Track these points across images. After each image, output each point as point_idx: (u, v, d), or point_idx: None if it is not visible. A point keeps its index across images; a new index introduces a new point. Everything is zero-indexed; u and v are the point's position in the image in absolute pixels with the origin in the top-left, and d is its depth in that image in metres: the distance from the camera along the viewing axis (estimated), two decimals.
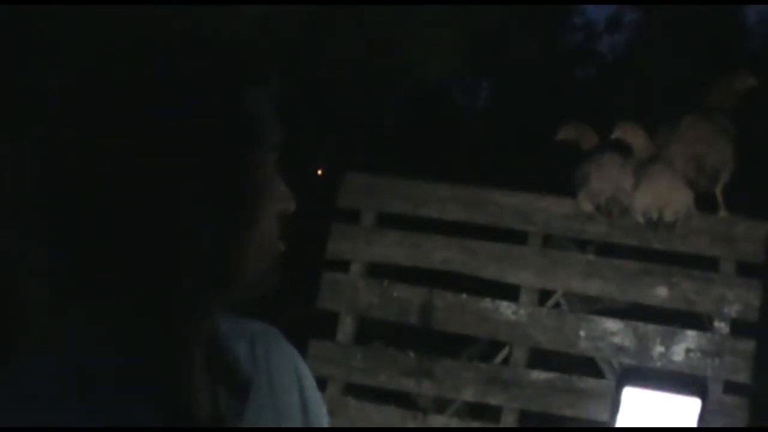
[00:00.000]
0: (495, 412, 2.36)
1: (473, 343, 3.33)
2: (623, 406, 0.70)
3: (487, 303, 2.40)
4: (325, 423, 0.96)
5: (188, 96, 0.73)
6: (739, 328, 2.25)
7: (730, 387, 2.21)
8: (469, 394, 2.40)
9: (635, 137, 2.38)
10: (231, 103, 0.74)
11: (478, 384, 2.37)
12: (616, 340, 2.29)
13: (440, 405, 2.80)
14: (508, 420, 2.32)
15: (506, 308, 2.38)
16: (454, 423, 2.41)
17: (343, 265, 2.51)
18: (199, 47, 0.77)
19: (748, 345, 2.22)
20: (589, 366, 2.77)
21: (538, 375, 2.33)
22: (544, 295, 2.58)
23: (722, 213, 2.32)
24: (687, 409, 0.68)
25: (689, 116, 2.34)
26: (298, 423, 0.90)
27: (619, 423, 0.75)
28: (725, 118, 2.35)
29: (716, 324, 2.26)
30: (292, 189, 0.81)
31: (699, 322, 2.34)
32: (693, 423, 0.76)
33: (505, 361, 2.64)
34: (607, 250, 2.50)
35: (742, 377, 2.20)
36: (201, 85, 0.74)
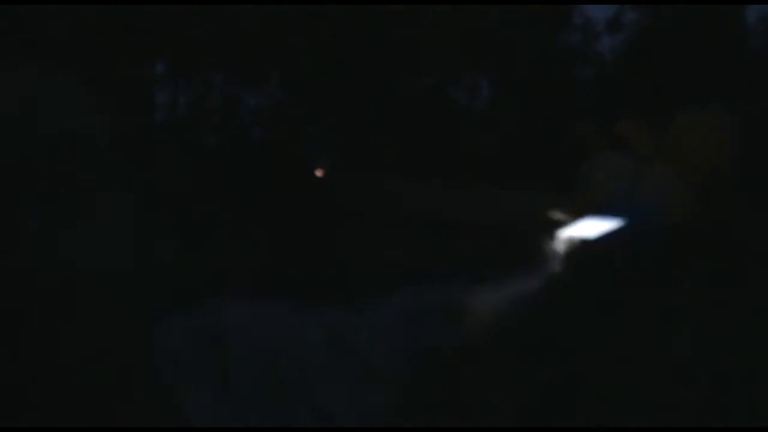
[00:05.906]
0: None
1: None
2: None
3: None
4: None
5: None
6: None
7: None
8: None
9: (636, 135, 2.38)
10: None
11: None
12: None
13: None
14: None
15: None
16: None
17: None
18: None
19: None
20: None
21: None
22: None
23: (720, 213, 2.31)
24: None
25: (685, 109, 2.33)
26: None
27: None
28: (726, 113, 2.33)
29: None
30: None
31: None
32: None
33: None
34: None
35: None
36: None
